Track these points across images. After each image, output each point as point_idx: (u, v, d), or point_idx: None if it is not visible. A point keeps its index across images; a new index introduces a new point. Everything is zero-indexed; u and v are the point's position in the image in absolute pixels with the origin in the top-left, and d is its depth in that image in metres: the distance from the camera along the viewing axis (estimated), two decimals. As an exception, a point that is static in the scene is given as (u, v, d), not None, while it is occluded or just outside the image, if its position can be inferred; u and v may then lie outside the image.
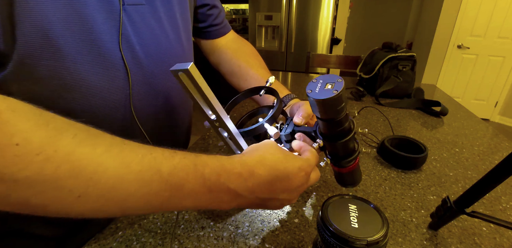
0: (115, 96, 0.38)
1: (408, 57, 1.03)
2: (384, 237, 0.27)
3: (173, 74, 0.30)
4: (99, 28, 0.33)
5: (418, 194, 0.50)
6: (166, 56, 0.43)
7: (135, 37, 0.38)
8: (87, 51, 0.33)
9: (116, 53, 0.36)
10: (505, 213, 0.46)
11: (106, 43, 0.34)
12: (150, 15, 0.40)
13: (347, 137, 0.33)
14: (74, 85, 0.33)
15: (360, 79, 1.19)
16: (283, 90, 0.56)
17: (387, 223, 0.28)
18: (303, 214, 0.44)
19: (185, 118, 0.56)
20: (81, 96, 0.34)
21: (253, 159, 0.30)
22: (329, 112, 0.30)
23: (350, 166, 0.38)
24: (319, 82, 0.29)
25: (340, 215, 0.29)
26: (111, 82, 0.36)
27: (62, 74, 0.32)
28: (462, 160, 0.62)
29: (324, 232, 0.28)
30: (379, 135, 0.73)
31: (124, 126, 0.41)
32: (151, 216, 0.43)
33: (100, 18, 0.33)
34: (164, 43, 0.43)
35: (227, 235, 0.40)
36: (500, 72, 2.79)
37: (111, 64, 0.36)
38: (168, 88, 0.45)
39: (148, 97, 0.42)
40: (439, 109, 0.89)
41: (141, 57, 0.39)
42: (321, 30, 2.48)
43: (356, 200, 0.31)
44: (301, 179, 0.32)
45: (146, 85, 0.41)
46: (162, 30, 0.43)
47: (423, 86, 1.27)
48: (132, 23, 0.38)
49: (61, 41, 0.30)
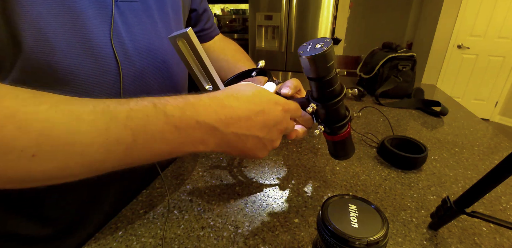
0: (106, 91, 0.37)
1: (408, 57, 1.03)
2: (384, 237, 0.27)
3: (171, 42, 0.30)
4: (90, 23, 0.33)
5: (418, 194, 0.50)
6: (157, 53, 0.44)
7: (126, 33, 0.38)
8: (78, 46, 0.33)
9: (107, 48, 0.36)
10: (505, 213, 0.46)
11: (97, 38, 0.34)
12: (142, 12, 0.41)
13: (338, 97, 0.35)
14: (65, 79, 0.33)
15: (360, 79, 1.19)
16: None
17: (387, 223, 0.28)
18: (303, 214, 0.44)
19: None
20: (72, 90, 0.34)
21: (223, 93, 0.28)
22: (320, 70, 0.31)
23: (342, 134, 0.40)
24: (310, 44, 0.32)
25: (340, 215, 0.29)
26: (103, 77, 0.36)
27: (53, 68, 0.32)
28: (462, 160, 0.62)
29: (324, 232, 0.28)
30: (379, 135, 0.73)
31: None
32: (151, 216, 0.43)
33: (91, 13, 0.33)
34: (156, 40, 0.43)
35: (227, 235, 0.40)
36: (500, 72, 2.79)
37: (102, 58, 0.36)
38: (160, 84, 0.45)
39: (140, 93, 0.42)
40: (439, 109, 0.89)
41: (131, 53, 0.39)
42: (321, 30, 2.48)
43: (356, 200, 0.31)
44: (278, 114, 0.31)
45: (137, 80, 0.41)
46: (154, 27, 0.43)
47: (423, 86, 1.27)
48: (124, 19, 0.38)
49: (51, 35, 0.30)
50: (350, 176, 0.54)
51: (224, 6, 3.49)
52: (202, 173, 0.55)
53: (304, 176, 0.54)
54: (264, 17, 2.60)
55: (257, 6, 2.58)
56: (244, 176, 0.54)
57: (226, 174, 0.54)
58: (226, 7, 3.49)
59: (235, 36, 3.15)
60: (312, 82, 0.34)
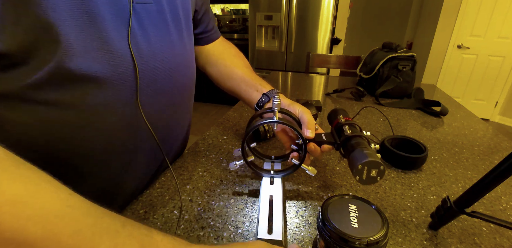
0: (124, 93, 0.38)
1: (408, 57, 1.03)
2: (384, 237, 0.27)
3: None
4: (108, 26, 0.34)
5: (418, 194, 0.50)
6: (169, 54, 0.44)
7: (141, 35, 0.39)
8: (96, 49, 0.33)
9: (125, 50, 0.36)
10: (505, 213, 0.46)
11: (115, 40, 0.35)
12: (156, 14, 0.41)
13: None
14: (83, 81, 0.34)
15: (360, 79, 1.19)
16: (266, 85, 0.57)
17: (387, 223, 0.28)
18: (303, 214, 0.44)
19: (186, 117, 0.57)
20: (91, 92, 0.35)
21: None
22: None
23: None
24: (364, 166, 0.37)
25: (340, 215, 0.29)
26: (120, 79, 0.37)
27: (72, 70, 0.32)
28: (462, 160, 0.62)
29: (324, 232, 0.28)
30: (379, 135, 0.73)
31: (131, 122, 0.41)
32: (151, 216, 0.43)
33: (109, 15, 0.34)
34: (168, 42, 0.44)
35: (227, 235, 0.40)
36: (500, 72, 2.79)
37: (120, 61, 0.36)
38: (171, 85, 0.46)
39: (154, 94, 0.43)
40: (439, 109, 0.89)
41: (146, 54, 0.40)
42: (321, 30, 2.48)
43: (356, 200, 0.31)
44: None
45: (152, 82, 0.42)
46: (166, 28, 0.44)
47: (423, 86, 1.27)
48: (140, 21, 0.39)
49: (71, 38, 0.31)
50: (350, 176, 0.54)
51: (224, 6, 3.48)
52: (202, 173, 0.55)
53: (304, 176, 0.54)
54: (264, 17, 2.59)
55: (257, 6, 2.58)
56: (244, 176, 0.54)
57: (226, 174, 0.54)
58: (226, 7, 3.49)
59: (235, 36, 3.15)
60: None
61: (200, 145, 0.66)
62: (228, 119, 0.82)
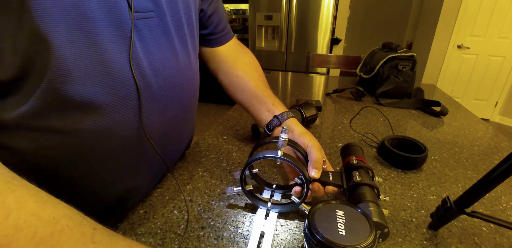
0: (126, 115, 0.36)
1: (408, 57, 1.03)
2: (373, 243, 0.26)
3: None
4: (108, 47, 0.32)
5: (418, 194, 0.50)
6: (173, 71, 0.42)
7: (143, 53, 0.37)
8: (96, 72, 0.31)
9: (126, 72, 0.34)
10: (505, 213, 0.46)
11: (115, 62, 0.33)
12: (159, 28, 0.39)
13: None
14: (83, 107, 0.32)
15: (360, 79, 1.19)
16: (279, 105, 0.54)
17: (375, 228, 0.28)
18: (303, 214, 0.44)
19: (189, 128, 0.55)
20: (91, 117, 0.33)
21: None
22: None
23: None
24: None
25: (327, 222, 0.28)
26: (121, 102, 0.35)
27: (71, 97, 0.31)
28: (462, 160, 0.62)
29: (311, 241, 0.27)
30: (379, 135, 0.73)
31: (134, 143, 0.40)
32: (151, 216, 0.43)
33: (109, 36, 0.32)
34: (172, 58, 0.42)
35: (227, 235, 0.40)
36: (500, 72, 2.79)
37: (121, 83, 0.34)
38: (176, 101, 0.44)
39: (157, 112, 0.41)
40: (439, 109, 0.89)
41: (148, 74, 0.38)
42: (321, 30, 2.48)
43: (343, 206, 0.31)
44: None
45: (155, 101, 0.40)
46: (170, 43, 0.41)
47: (423, 86, 1.27)
48: (142, 39, 0.36)
49: (70, 63, 0.29)
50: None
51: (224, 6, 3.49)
52: (202, 173, 0.55)
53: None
54: (264, 17, 2.60)
55: (257, 6, 2.58)
56: (244, 176, 0.54)
57: (226, 174, 0.54)
58: (226, 7, 3.49)
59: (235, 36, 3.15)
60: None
61: (200, 145, 0.66)
62: (228, 119, 0.82)
